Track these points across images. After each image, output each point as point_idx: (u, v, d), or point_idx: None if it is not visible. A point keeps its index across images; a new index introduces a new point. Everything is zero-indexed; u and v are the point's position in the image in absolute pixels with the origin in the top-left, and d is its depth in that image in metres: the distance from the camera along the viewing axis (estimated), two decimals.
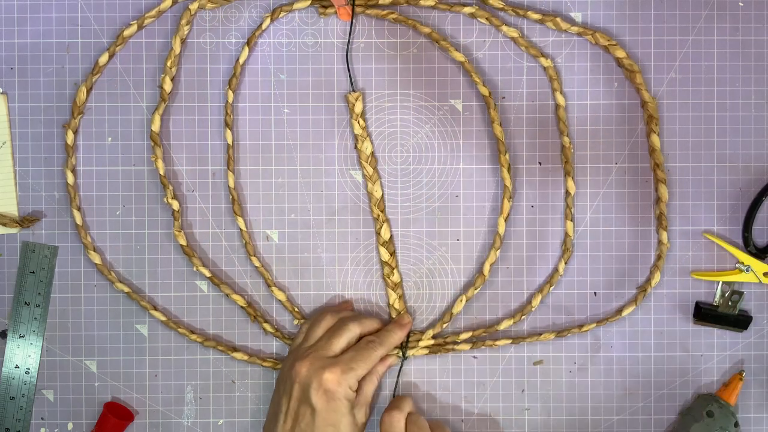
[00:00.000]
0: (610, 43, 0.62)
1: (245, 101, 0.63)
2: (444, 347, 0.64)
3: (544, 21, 0.62)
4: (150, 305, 0.63)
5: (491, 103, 0.62)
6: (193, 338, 0.63)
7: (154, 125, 0.62)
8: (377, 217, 0.63)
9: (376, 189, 0.63)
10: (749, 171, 0.63)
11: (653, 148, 0.62)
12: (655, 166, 0.62)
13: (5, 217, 0.63)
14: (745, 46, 0.63)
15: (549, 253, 0.63)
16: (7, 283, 0.64)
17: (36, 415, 0.64)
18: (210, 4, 0.62)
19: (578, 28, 0.62)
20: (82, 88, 0.62)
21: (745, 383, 0.63)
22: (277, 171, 0.63)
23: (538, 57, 0.62)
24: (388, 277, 0.63)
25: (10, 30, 0.63)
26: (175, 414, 0.64)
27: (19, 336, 0.63)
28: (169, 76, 0.62)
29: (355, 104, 0.62)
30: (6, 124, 0.63)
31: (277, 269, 0.64)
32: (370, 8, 0.62)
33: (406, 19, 0.62)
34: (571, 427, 0.64)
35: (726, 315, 0.62)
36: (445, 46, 0.62)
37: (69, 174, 0.62)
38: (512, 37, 0.62)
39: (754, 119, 0.63)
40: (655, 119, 0.62)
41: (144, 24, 0.62)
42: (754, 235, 0.62)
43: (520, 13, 0.62)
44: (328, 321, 0.60)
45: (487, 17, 0.62)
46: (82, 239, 0.62)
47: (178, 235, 0.62)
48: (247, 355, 0.63)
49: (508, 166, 0.62)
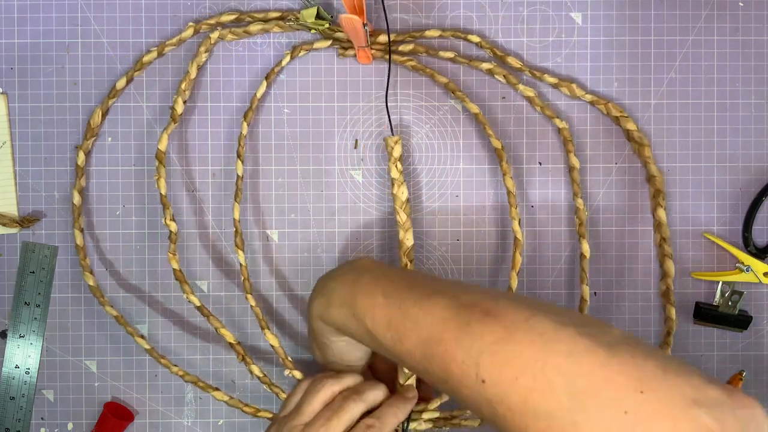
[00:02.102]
0: (622, 115, 0.62)
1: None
2: (450, 422, 0.61)
3: (559, 86, 0.62)
4: (135, 331, 0.61)
5: (503, 156, 0.61)
6: (173, 371, 0.61)
7: (161, 144, 0.61)
8: (405, 266, 0.59)
9: (408, 238, 0.59)
10: (749, 171, 0.63)
11: (660, 223, 0.62)
12: (661, 241, 0.62)
13: (5, 217, 0.63)
14: (745, 46, 0.63)
15: (549, 253, 0.63)
16: (7, 283, 0.64)
17: (36, 415, 0.64)
18: (230, 35, 0.62)
19: (591, 97, 0.62)
20: (97, 111, 0.61)
21: (745, 383, 0.63)
22: (277, 171, 0.63)
23: (553, 118, 0.62)
24: None
25: (10, 30, 0.63)
26: (175, 414, 0.64)
27: (19, 336, 0.63)
28: (183, 99, 0.61)
29: (395, 148, 0.60)
30: (6, 124, 0.63)
31: (277, 269, 0.64)
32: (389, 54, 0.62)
33: (425, 68, 0.62)
34: None
35: (726, 315, 0.62)
36: (461, 97, 0.62)
37: (76, 195, 0.62)
38: (528, 97, 0.62)
39: (754, 119, 0.63)
40: (662, 194, 0.62)
41: (164, 51, 0.62)
42: (754, 235, 0.62)
43: (537, 75, 0.62)
44: (329, 392, 0.54)
45: (505, 75, 0.62)
46: (81, 261, 0.62)
47: (172, 258, 0.61)
48: (227, 397, 0.61)
49: (519, 219, 0.61)
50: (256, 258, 0.64)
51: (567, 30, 0.63)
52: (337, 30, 0.61)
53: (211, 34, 0.61)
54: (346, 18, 0.56)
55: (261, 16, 0.62)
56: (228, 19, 0.62)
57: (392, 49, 0.62)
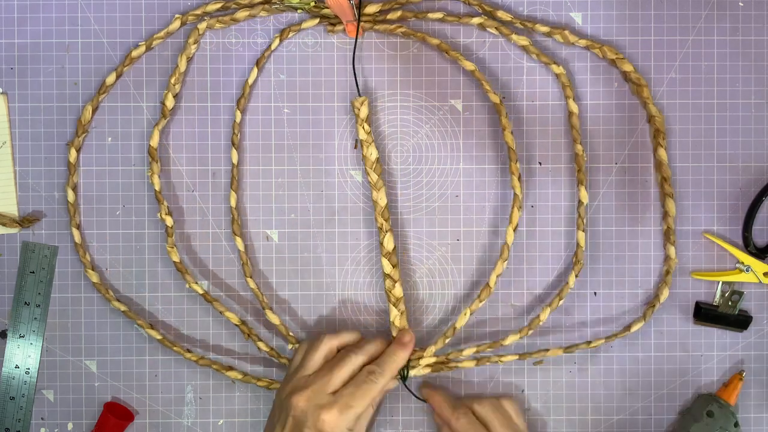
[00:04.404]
0: (618, 57, 0.61)
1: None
2: (447, 365, 0.63)
3: (552, 34, 0.62)
4: (146, 323, 0.62)
5: (502, 110, 0.61)
6: (188, 357, 0.62)
7: (152, 140, 0.61)
8: (381, 226, 0.61)
9: (381, 197, 0.61)
10: (749, 171, 0.63)
11: (660, 162, 0.62)
12: (662, 181, 0.62)
13: (5, 217, 0.63)
14: (745, 46, 0.63)
15: (549, 253, 0.63)
16: (7, 283, 0.64)
17: (36, 415, 0.64)
18: (218, 24, 0.62)
19: (586, 41, 0.62)
20: (87, 108, 0.62)
21: (745, 383, 0.63)
22: (277, 171, 0.63)
23: (550, 64, 0.62)
24: (389, 291, 0.61)
25: (10, 30, 0.63)
26: (175, 414, 0.64)
27: (19, 336, 0.63)
28: (172, 93, 0.61)
29: (361, 109, 0.61)
30: (6, 124, 0.63)
31: (277, 269, 0.64)
32: (378, 23, 0.62)
33: (415, 33, 0.62)
34: (571, 427, 0.64)
35: (726, 315, 0.62)
36: (455, 56, 0.61)
37: (70, 192, 0.62)
38: (523, 46, 0.62)
39: (754, 119, 0.63)
40: (662, 133, 0.61)
41: (152, 45, 0.62)
42: (754, 235, 0.62)
43: (528, 25, 0.62)
44: (327, 347, 0.58)
45: (496, 27, 0.62)
46: (81, 257, 0.62)
47: (171, 251, 0.61)
48: (241, 374, 0.62)
49: (519, 175, 0.61)
50: (256, 258, 0.64)
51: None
52: (323, 7, 0.61)
53: (199, 25, 0.61)
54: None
55: (247, 1, 0.62)
56: (214, 8, 0.62)
57: (381, 18, 0.62)
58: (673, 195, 0.62)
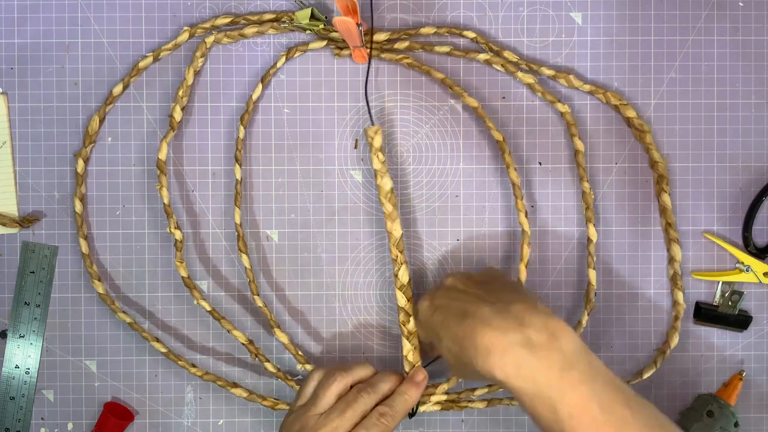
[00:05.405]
0: (621, 103, 0.62)
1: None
2: (458, 404, 0.62)
3: (557, 77, 0.62)
4: (151, 336, 0.62)
5: (506, 148, 0.61)
6: (192, 372, 0.62)
7: (161, 153, 0.61)
8: (396, 258, 0.59)
9: (396, 228, 0.59)
10: (749, 171, 0.63)
11: (664, 208, 0.62)
12: (667, 226, 0.62)
13: (5, 217, 0.63)
14: (745, 46, 0.63)
15: (549, 253, 0.63)
16: (7, 283, 0.64)
17: (36, 415, 0.64)
18: (226, 38, 0.62)
19: (590, 87, 0.62)
20: (95, 118, 0.61)
21: (745, 383, 0.63)
22: (277, 171, 0.63)
23: (554, 103, 0.62)
24: (403, 325, 0.59)
25: (10, 30, 0.63)
26: (175, 414, 0.64)
27: (19, 336, 0.63)
28: (180, 106, 0.61)
29: (375, 138, 0.59)
30: (6, 124, 0.63)
31: (277, 269, 0.64)
32: (385, 52, 0.62)
33: (420, 65, 0.62)
34: None
35: (726, 315, 0.62)
36: (459, 92, 0.61)
37: (77, 203, 0.62)
38: (528, 84, 0.62)
39: (754, 119, 0.63)
40: (665, 179, 0.61)
41: (159, 56, 0.62)
42: (754, 235, 0.62)
43: (534, 68, 0.62)
44: (342, 385, 0.56)
45: (503, 64, 0.61)
46: (88, 268, 0.62)
47: (180, 266, 0.61)
48: (246, 392, 0.62)
49: (525, 211, 0.61)
50: (256, 258, 0.64)
51: (567, 30, 0.63)
52: (332, 30, 0.61)
53: (207, 39, 0.61)
54: (339, 20, 0.56)
55: (256, 18, 0.62)
56: (223, 23, 0.62)
57: (388, 47, 0.62)
58: (678, 240, 0.62)
